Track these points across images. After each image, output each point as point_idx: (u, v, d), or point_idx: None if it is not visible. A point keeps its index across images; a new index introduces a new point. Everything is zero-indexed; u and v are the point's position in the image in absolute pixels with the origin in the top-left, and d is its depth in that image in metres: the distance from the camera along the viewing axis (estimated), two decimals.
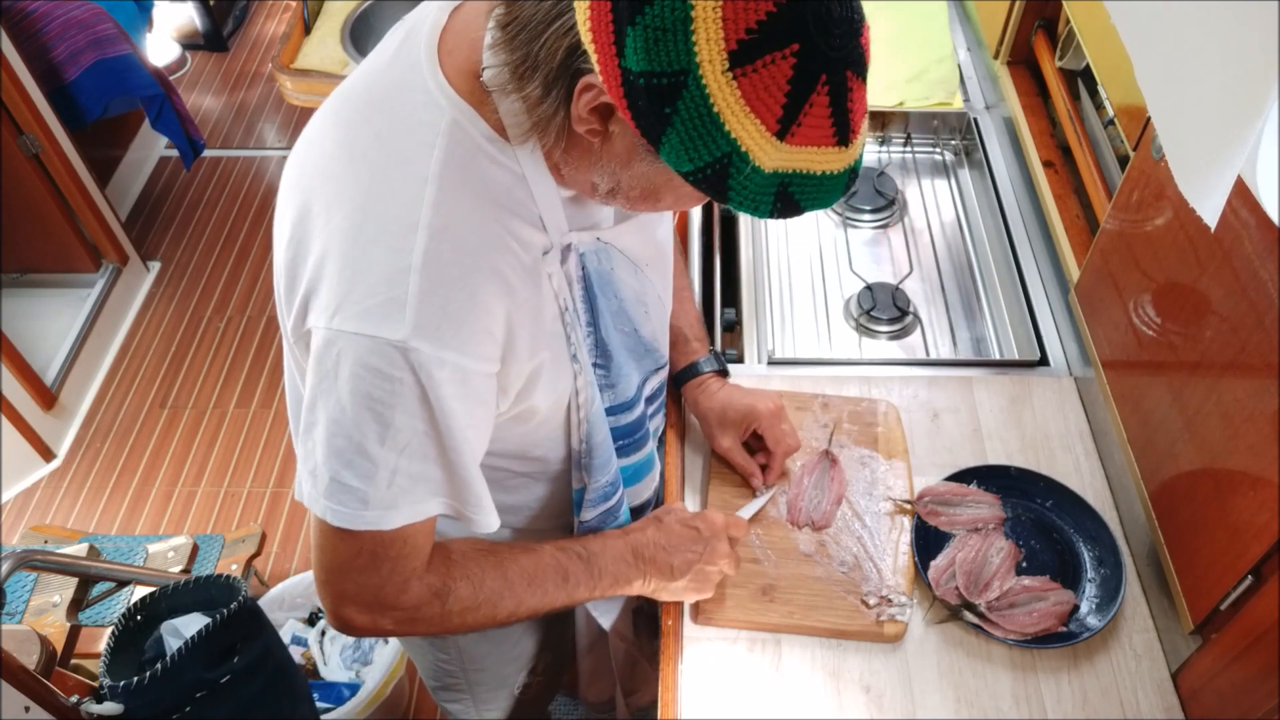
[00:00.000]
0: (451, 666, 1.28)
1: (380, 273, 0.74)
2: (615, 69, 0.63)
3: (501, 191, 0.79)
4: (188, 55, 3.88)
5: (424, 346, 0.74)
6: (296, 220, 0.80)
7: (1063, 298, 1.45)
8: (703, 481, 1.24)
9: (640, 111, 0.64)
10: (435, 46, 0.78)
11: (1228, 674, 0.95)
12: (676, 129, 0.64)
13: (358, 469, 0.79)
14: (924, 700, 1.04)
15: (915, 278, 1.57)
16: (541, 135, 0.74)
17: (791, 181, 0.67)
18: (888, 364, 1.40)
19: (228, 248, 3.15)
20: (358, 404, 0.76)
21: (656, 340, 1.04)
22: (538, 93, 0.70)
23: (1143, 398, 1.11)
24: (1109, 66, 1.33)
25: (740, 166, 0.65)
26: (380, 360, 0.75)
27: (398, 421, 0.77)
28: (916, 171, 1.75)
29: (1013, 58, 1.78)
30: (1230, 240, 0.91)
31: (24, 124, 2.48)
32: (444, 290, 0.75)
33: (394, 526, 0.82)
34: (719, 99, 0.62)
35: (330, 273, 0.76)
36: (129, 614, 1.32)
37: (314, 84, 2.21)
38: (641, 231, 0.96)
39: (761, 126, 0.63)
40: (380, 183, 0.76)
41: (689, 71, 0.61)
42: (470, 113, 0.76)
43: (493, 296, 0.78)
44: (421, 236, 0.74)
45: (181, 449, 2.62)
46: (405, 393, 0.76)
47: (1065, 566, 1.13)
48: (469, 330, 0.77)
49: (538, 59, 0.69)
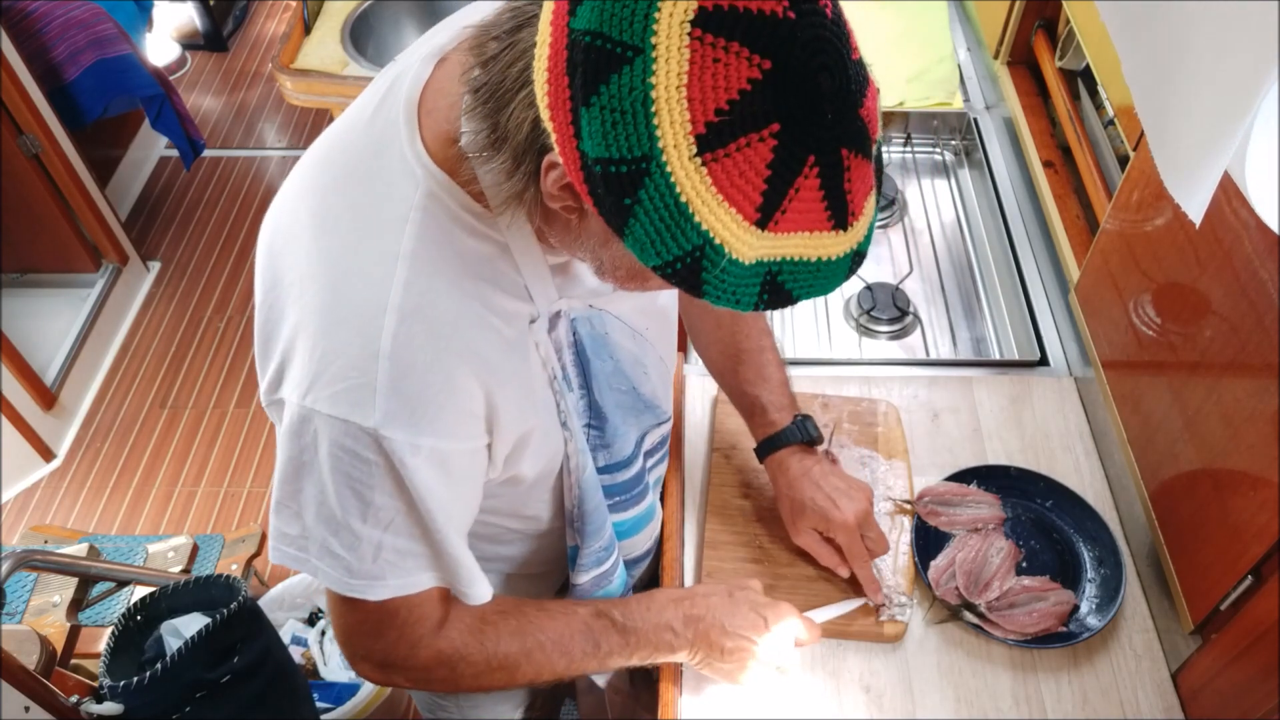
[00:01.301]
0: (446, 702, 1.25)
1: (350, 357, 0.71)
2: (574, 151, 0.57)
3: (482, 264, 0.75)
4: (188, 55, 3.88)
5: (396, 435, 0.72)
6: (270, 286, 0.78)
7: (1063, 298, 1.45)
8: (703, 482, 1.24)
9: (600, 200, 0.58)
10: (415, 106, 0.73)
11: (1228, 674, 0.95)
12: (640, 220, 0.57)
13: (342, 540, 0.78)
14: (924, 700, 1.04)
15: (915, 278, 1.57)
16: (518, 209, 0.69)
17: (781, 270, 0.60)
18: (888, 364, 1.40)
19: (228, 248, 3.16)
20: (338, 481, 0.75)
21: (657, 397, 0.99)
22: (508, 165, 0.65)
23: (1143, 398, 1.11)
24: (1109, 66, 1.33)
25: (715, 259, 0.57)
26: (354, 443, 0.73)
27: (378, 500, 0.76)
28: (916, 171, 1.75)
29: (1013, 58, 1.78)
30: (1230, 240, 0.91)
31: (24, 124, 2.48)
32: (416, 375, 0.72)
33: (381, 598, 0.81)
34: (687, 187, 0.55)
35: (302, 349, 0.73)
36: (129, 614, 1.32)
37: (314, 84, 2.21)
38: (639, 298, 0.92)
39: (738, 216, 0.56)
40: (351, 259, 0.73)
41: (651, 158, 0.54)
42: (447, 183, 0.72)
43: (469, 377, 0.75)
44: (390, 320, 0.71)
45: (181, 449, 2.62)
46: (381, 475, 0.74)
47: (1065, 566, 1.13)
48: (446, 413, 0.74)
49: (506, 129, 0.64)
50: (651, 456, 1.05)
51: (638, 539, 1.08)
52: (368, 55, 2.28)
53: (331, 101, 2.24)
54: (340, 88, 2.19)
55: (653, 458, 1.06)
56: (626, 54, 0.54)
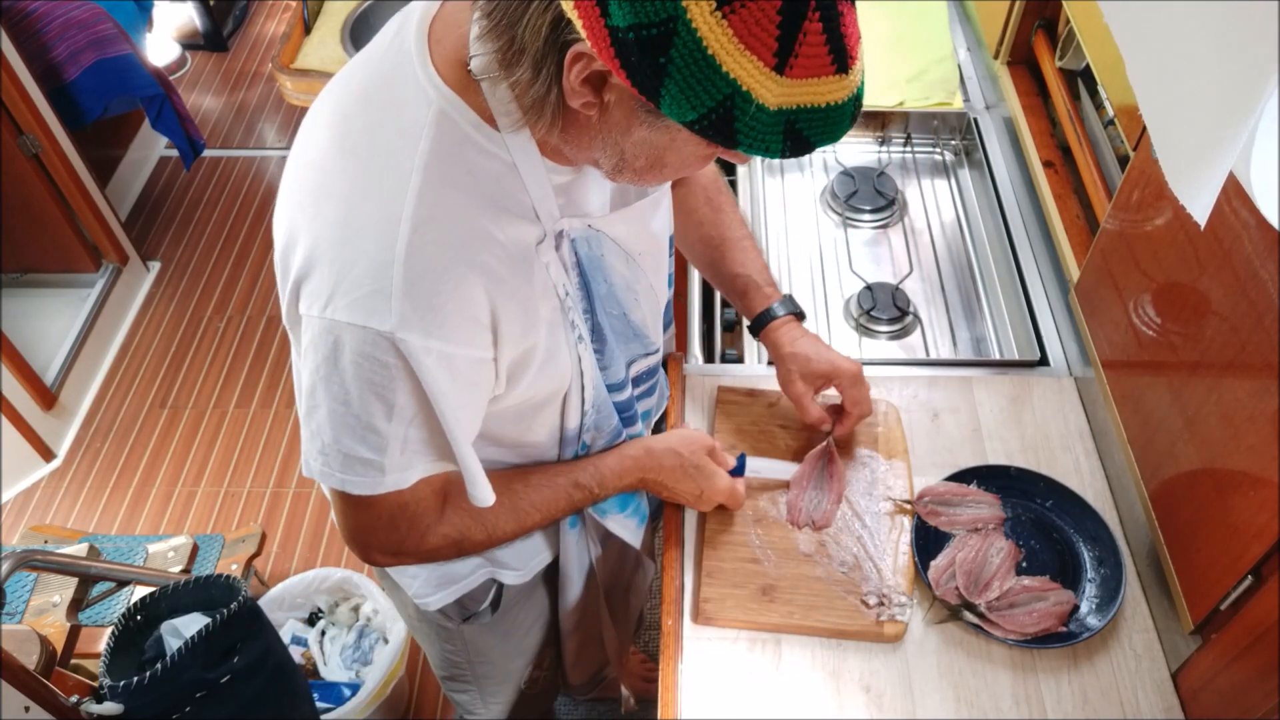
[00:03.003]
0: (458, 658, 1.29)
1: (366, 265, 0.76)
2: (602, 30, 0.63)
3: (490, 182, 0.80)
4: (188, 55, 3.88)
5: (410, 337, 0.76)
6: (292, 211, 0.83)
7: (1063, 298, 1.45)
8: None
9: (634, 68, 0.64)
10: (425, 36, 0.79)
11: (1228, 674, 0.95)
12: (674, 78, 0.63)
13: (370, 444, 0.83)
14: (924, 700, 1.04)
15: (915, 278, 1.57)
16: (537, 119, 0.74)
17: (798, 118, 0.66)
18: (888, 364, 1.40)
19: (228, 248, 3.15)
20: (361, 387, 0.80)
21: (645, 326, 1.05)
22: (527, 75, 0.70)
23: (1143, 398, 1.11)
24: (1109, 66, 1.33)
25: (744, 107, 0.64)
26: (374, 349, 0.77)
27: (400, 401, 0.81)
28: (916, 171, 1.75)
29: (1013, 58, 1.78)
30: (1230, 240, 0.91)
31: (24, 124, 2.48)
32: (428, 282, 0.77)
33: (411, 484, 0.88)
34: (711, 40, 0.61)
35: (320, 263, 0.78)
36: (129, 614, 1.32)
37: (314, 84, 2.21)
38: (635, 222, 0.97)
39: (759, 62, 0.63)
40: (367, 176, 0.78)
41: (677, 17, 0.61)
42: (458, 103, 0.77)
43: (477, 287, 0.80)
44: (404, 229, 0.75)
45: (181, 449, 2.62)
46: (401, 376, 0.79)
47: (1065, 566, 1.13)
48: (455, 319, 0.79)
49: (523, 40, 0.69)
50: (639, 386, 1.11)
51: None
52: None
53: None
54: None
55: (640, 387, 1.12)
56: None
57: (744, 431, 1.28)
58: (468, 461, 0.88)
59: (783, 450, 1.26)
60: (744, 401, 1.32)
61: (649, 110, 0.70)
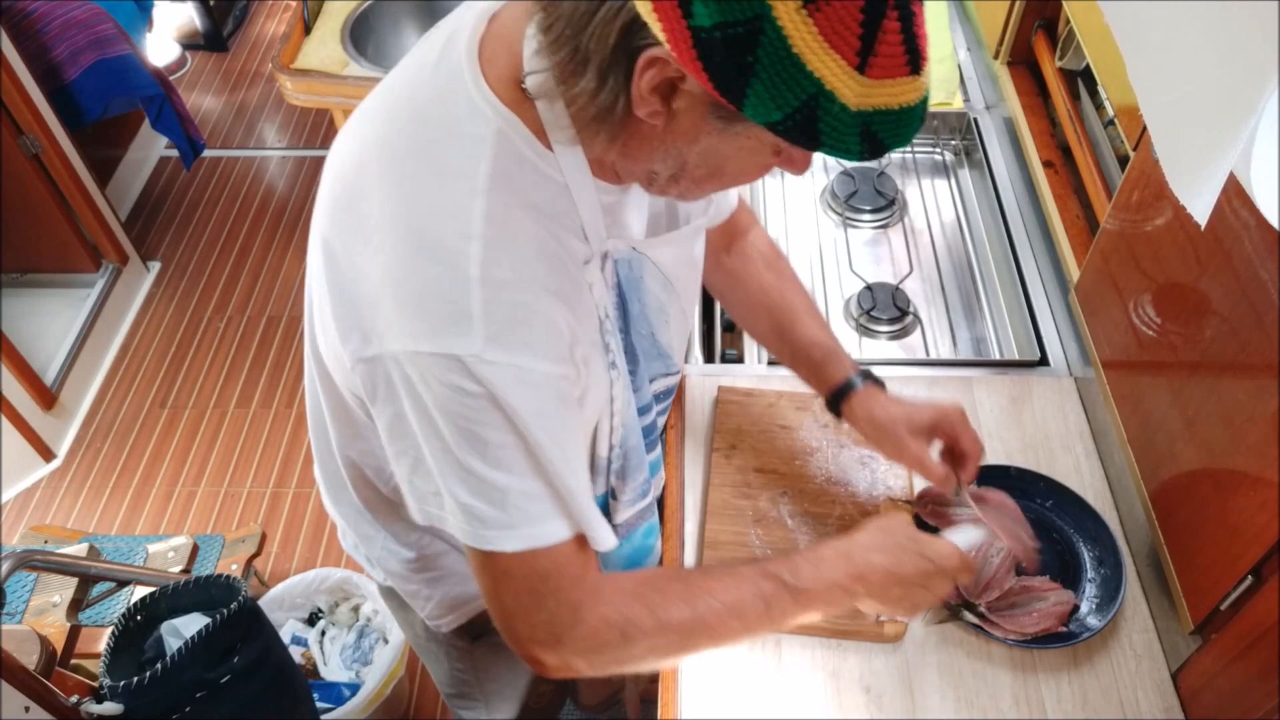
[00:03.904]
0: (467, 676, 1.27)
1: (442, 289, 0.73)
2: (684, 31, 0.62)
3: (547, 201, 0.78)
4: (188, 55, 3.88)
5: (498, 356, 0.73)
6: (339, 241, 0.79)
7: (1063, 298, 1.45)
8: (703, 482, 1.24)
9: (718, 69, 0.63)
10: (476, 54, 0.76)
11: (1228, 674, 0.95)
12: (760, 77, 0.62)
13: (470, 486, 0.78)
14: (924, 700, 1.04)
15: (915, 278, 1.57)
16: (597, 132, 0.73)
17: (873, 120, 0.65)
18: (888, 364, 1.40)
19: (228, 248, 3.15)
20: (450, 424, 0.75)
21: (671, 348, 1.02)
22: (592, 84, 0.68)
23: (1143, 398, 1.11)
24: (1109, 66, 1.33)
25: (828, 106, 0.63)
26: (458, 378, 0.73)
27: (493, 438, 0.76)
28: (916, 171, 1.75)
29: (1013, 58, 1.78)
30: (1230, 240, 0.91)
31: (24, 124, 2.48)
32: (507, 297, 0.74)
33: (515, 549, 0.80)
34: (796, 38, 0.61)
35: (388, 296, 0.74)
36: (129, 614, 1.32)
37: (314, 84, 2.21)
38: (678, 246, 0.95)
39: (841, 61, 0.62)
40: (428, 200, 0.75)
41: (763, 15, 0.60)
42: (515, 121, 0.75)
43: (554, 302, 0.77)
44: (476, 247, 0.73)
45: (181, 449, 2.62)
46: (488, 408, 0.75)
47: (1065, 566, 1.13)
48: (540, 334, 0.76)
49: (588, 49, 0.67)
50: (659, 403, 1.07)
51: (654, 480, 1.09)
52: (368, 55, 2.28)
53: (331, 101, 2.24)
54: (340, 88, 2.19)
55: (660, 404, 1.07)
56: None
57: (744, 431, 1.28)
58: (578, 492, 0.81)
59: (782, 450, 1.26)
60: (744, 401, 1.32)
61: (720, 116, 0.69)
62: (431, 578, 1.09)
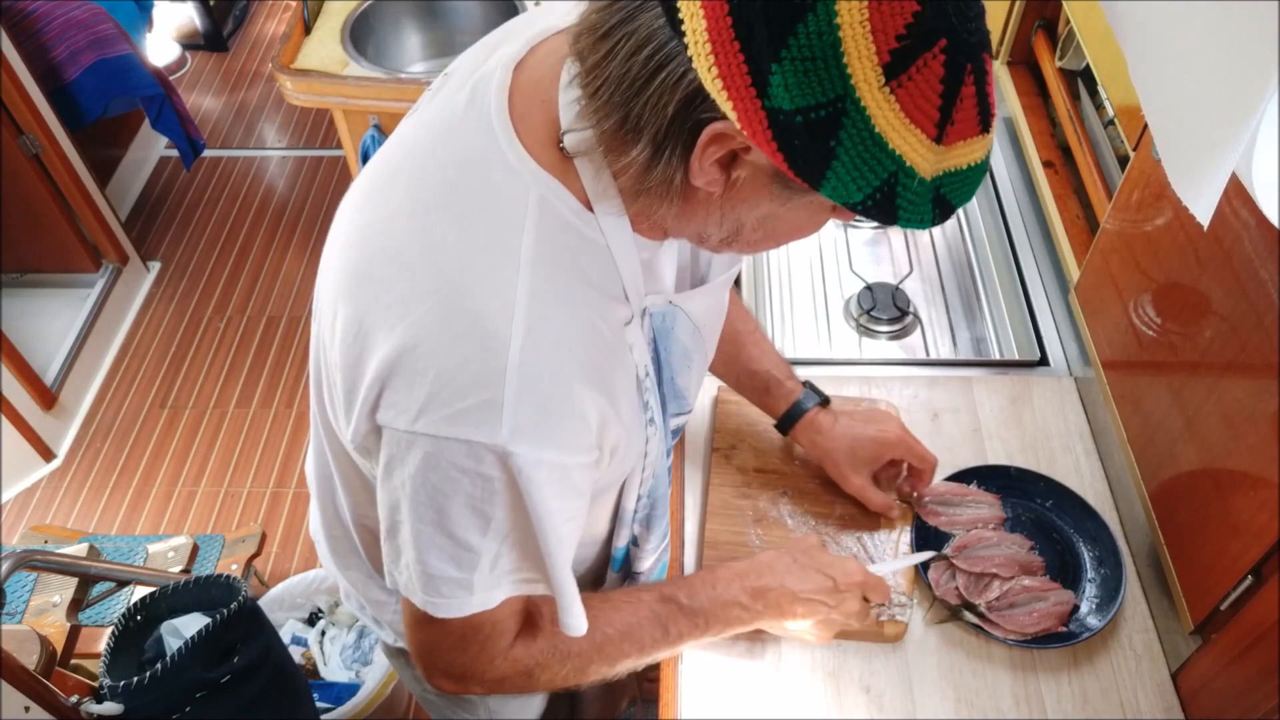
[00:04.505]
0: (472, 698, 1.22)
1: (473, 373, 0.69)
2: (758, 112, 0.58)
3: (590, 265, 0.74)
4: (188, 55, 3.88)
5: (523, 450, 0.70)
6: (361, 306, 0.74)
7: (1063, 298, 1.45)
8: (703, 482, 1.24)
9: (797, 152, 0.59)
10: (507, 111, 0.72)
11: (1228, 674, 0.95)
12: (842, 160, 0.59)
13: (460, 562, 0.76)
14: (924, 700, 1.04)
15: (915, 278, 1.57)
16: (648, 198, 0.68)
17: (944, 183, 0.63)
18: (888, 364, 1.40)
19: (228, 248, 3.16)
20: (455, 504, 0.73)
21: (688, 390, 0.99)
22: (645, 154, 0.64)
23: (1143, 398, 1.11)
24: (1109, 66, 1.33)
25: (907, 183, 0.60)
26: (476, 464, 0.70)
27: (497, 515, 0.74)
28: None
29: (1013, 58, 1.78)
30: (1230, 240, 0.91)
31: (24, 124, 2.48)
32: (542, 388, 0.70)
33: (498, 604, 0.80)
34: (879, 118, 0.57)
35: (411, 371, 0.70)
36: (129, 614, 1.32)
37: (314, 84, 2.21)
38: (712, 296, 0.92)
39: (921, 135, 0.59)
40: (466, 272, 0.70)
41: (846, 96, 0.57)
42: (556, 186, 0.71)
43: (587, 387, 0.74)
44: (519, 331, 0.69)
45: (181, 449, 2.62)
46: (502, 491, 0.72)
47: (1065, 566, 1.13)
48: (568, 426, 0.73)
49: (640, 119, 0.62)
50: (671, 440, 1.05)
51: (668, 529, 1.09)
52: (368, 55, 2.28)
53: (331, 101, 2.24)
54: (340, 88, 2.19)
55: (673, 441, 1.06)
56: (807, 1, 0.55)
57: (744, 432, 1.28)
58: (563, 583, 0.80)
59: (782, 451, 1.26)
60: (744, 401, 1.31)
61: (785, 186, 0.65)
62: None
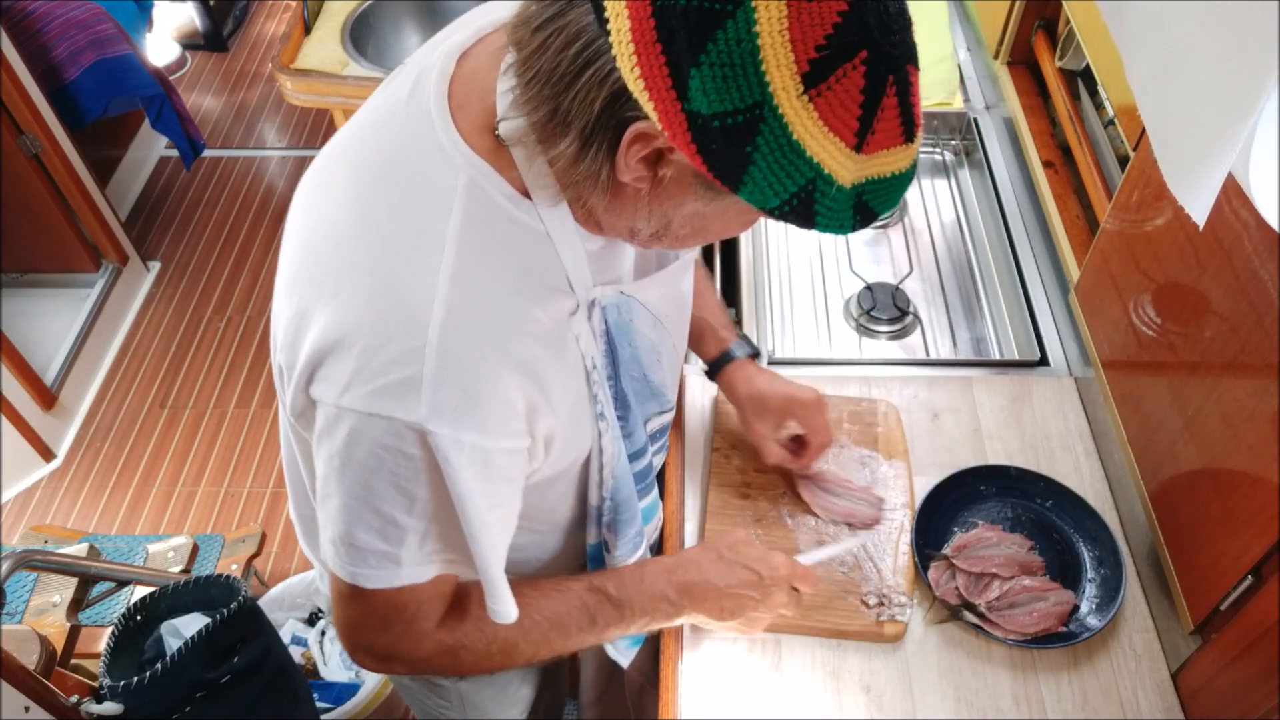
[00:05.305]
0: (452, 714, 1.24)
1: (394, 350, 0.70)
2: (679, 115, 0.59)
3: (525, 255, 0.75)
4: (188, 55, 3.88)
5: (441, 429, 0.70)
6: (305, 286, 0.76)
7: (1063, 298, 1.45)
8: (703, 482, 1.24)
9: (715, 155, 0.60)
10: (445, 98, 0.73)
11: (1228, 674, 0.95)
12: (759, 165, 0.60)
13: (387, 536, 0.77)
14: (924, 700, 1.04)
15: (915, 278, 1.57)
16: (579, 189, 0.70)
17: (865, 190, 0.64)
18: (888, 364, 1.40)
19: (228, 248, 3.16)
20: (380, 480, 0.74)
21: (665, 386, 1.00)
22: (573, 148, 0.65)
23: (1143, 398, 1.11)
24: (1109, 66, 1.33)
25: (825, 189, 0.61)
26: (396, 441, 0.71)
27: (421, 495, 0.75)
28: (916, 171, 1.75)
29: (1013, 58, 1.78)
30: (1230, 240, 0.91)
31: (24, 124, 2.48)
32: (462, 368, 0.71)
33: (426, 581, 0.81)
34: (797, 126, 0.58)
35: (340, 346, 0.71)
36: (129, 614, 1.32)
37: (314, 84, 2.21)
38: (666, 284, 0.93)
39: (840, 144, 0.60)
40: (394, 252, 0.72)
41: (764, 103, 0.58)
42: (489, 172, 0.72)
43: (514, 373, 0.74)
44: (438, 312, 0.70)
45: (181, 449, 2.62)
46: (425, 471, 0.73)
47: (1065, 566, 1.13)
48: (490, 409, 0.73)
49: (570, 113, 0.63)
50: (655, 443, 1.06)
51: (649, 528, 1.08)
52: (368, 55, 2.28)
53: (331, 101, 2.24)
54: (340, 88, 2.19)
55: (655, 443, 1.06)
56: (726, 8, 0.56)
57: (744, 433, 1.28)
58: (489, 569, 0.80)
59: None
60: None
61: (709, 187, 0.66)
62: None
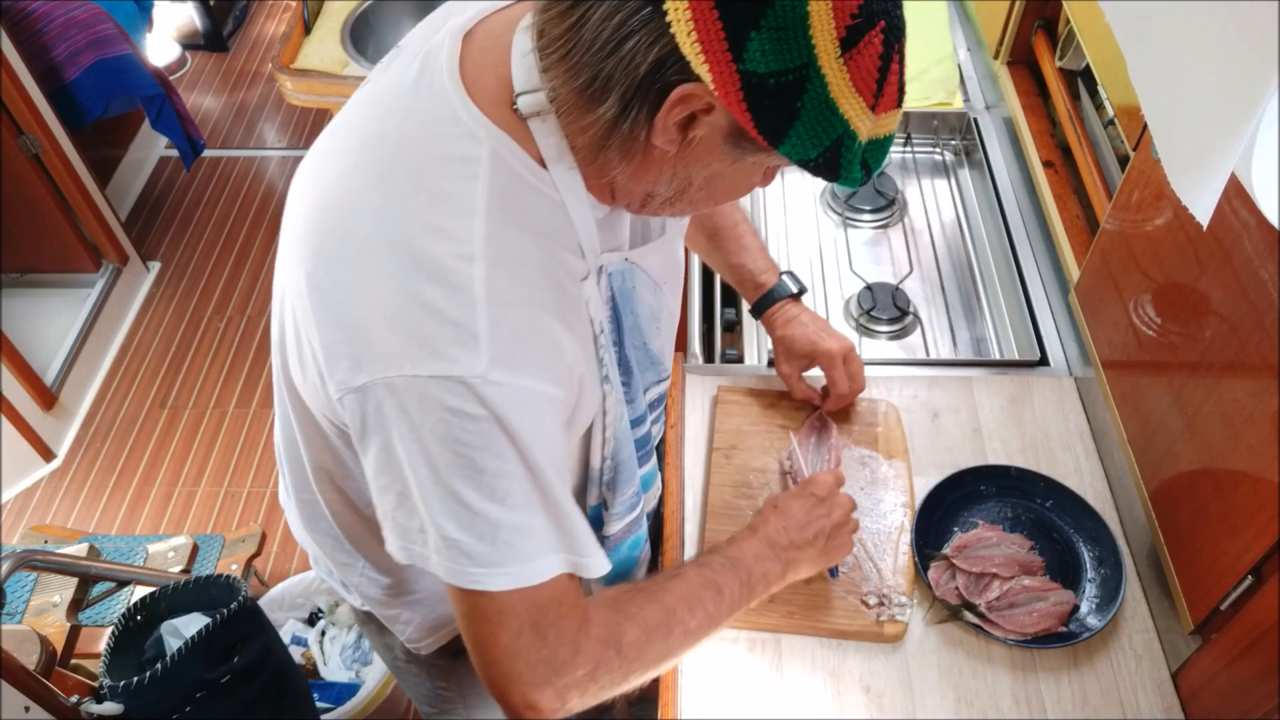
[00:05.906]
0: (450, 694, 1.26)
1: (444, 310, 0.71)
2: (732, 75, 0.64)
3: (545, 220, 0.78)
4: (188, 55, 3.88)
5: (505, 377, 0.71)
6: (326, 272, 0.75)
7: (1063, 298, 1.45)
8: (703, 483, 1.24)
9: (764, 112, 0.66)
10: (458, 76, 0.76)
11: (1228, 674, 0.95)
12: (803, 120, 0.67)
13: (459, 519, 0.75)
14: (924, 700, 1.04)
15: (915, 278, 1.57)
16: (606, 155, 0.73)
17: (868, 149, 0.71)
18: (888, 364, 1.40)
19: (228, 248, 3.16)
20: (447, 452, 0.73)
21: (663, 354, 1.02)
22: (612, 112, 0.69)
23: (1143, 398, 1.11)
24: (1109, 66, 1.33)
25: (849, 144, 0.69)
26: (459, 401, 0.71)
27: (490, 466, 0.73)
28: (916, 171, 1.75)
29: (1013, 58, 1.78)
30: (1230, 240, 0.91)
31: (24, 124, 2.48)
32: (512, 317, 0.73)
33: (502, 587, 0.77)
34: (834, 85, 0.66)
35: (383, 319, 0.72)
36: (129, 614, 1.32)
37: (314, 84, 2.21)
38: (664, 250, 0.95)
39: (863, 103, 0.68)
40: (426, 224, 0.73)
41: (809, 64, 0.64)
42: (509, 141, 0.75)
43: (554, 325, 0.77)
44: (480, 268, 0.72)
45: (181, 449, 2.62)
46: (491, 433, 0.72)
47: (1065, 566, 1.13)
48: (545, 356, 0.76)
49: (611, 77, 0.67)
50: (653, 411, 1.07)
51: (648, 495, 1.09)
52: (368, 55, 2.28)
53: (331, 101, 2.24)
54: (340, 88, 2.19)
55: (654, 412, 1.08)
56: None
57: (744, 431, 1.28)
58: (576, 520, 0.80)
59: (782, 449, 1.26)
60: (744, 401, 1.32)
61: (736, 146, 0.71)
62: (412, 600, 1.07)
